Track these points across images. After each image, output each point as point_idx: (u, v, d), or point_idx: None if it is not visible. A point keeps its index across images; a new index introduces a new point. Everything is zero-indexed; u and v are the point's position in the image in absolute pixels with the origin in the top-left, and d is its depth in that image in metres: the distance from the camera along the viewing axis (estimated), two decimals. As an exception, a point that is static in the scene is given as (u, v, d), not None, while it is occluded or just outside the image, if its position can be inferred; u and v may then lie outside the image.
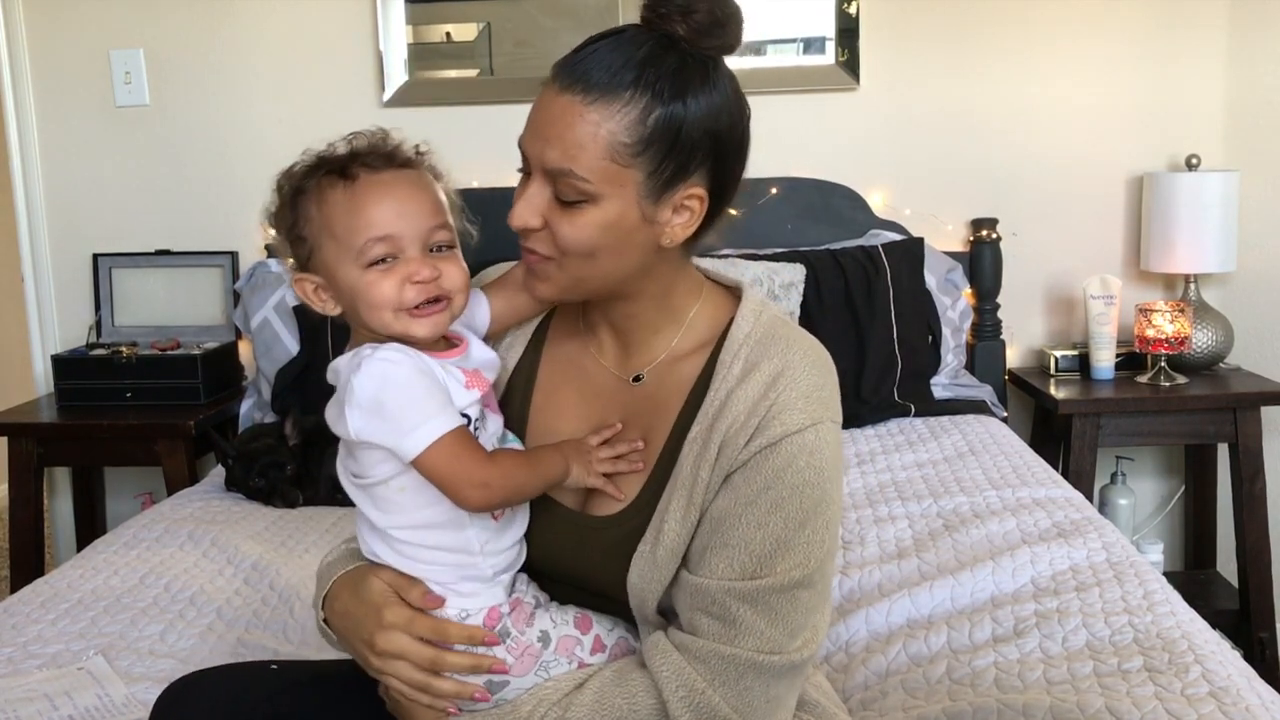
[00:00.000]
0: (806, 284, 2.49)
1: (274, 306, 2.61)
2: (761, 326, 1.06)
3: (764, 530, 0.99)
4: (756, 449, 0.99)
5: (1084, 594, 1.56)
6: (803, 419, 0.99)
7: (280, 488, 2.22)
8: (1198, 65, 2.72)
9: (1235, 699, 1.23)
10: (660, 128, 0.96)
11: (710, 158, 1.00)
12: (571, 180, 0.97)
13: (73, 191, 2.87)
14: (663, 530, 1.03)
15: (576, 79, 0.96)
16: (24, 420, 2.60)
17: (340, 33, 2.78)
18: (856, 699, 1.40)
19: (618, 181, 0.97)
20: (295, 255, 1.05)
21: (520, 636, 1.04)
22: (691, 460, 1.03)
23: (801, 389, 1.00)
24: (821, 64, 2.74)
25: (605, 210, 0.98)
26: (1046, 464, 2.18)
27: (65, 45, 2.81)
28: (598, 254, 1.00)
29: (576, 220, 0.98)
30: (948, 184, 2.78)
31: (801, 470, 0.99)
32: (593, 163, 0.96)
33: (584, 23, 2.74)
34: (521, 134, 1.01)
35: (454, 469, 0.98)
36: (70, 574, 1.84)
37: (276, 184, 1.05)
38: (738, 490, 1.00)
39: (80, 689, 1.45)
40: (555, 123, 0.97)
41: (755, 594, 0.99)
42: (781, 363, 1.02)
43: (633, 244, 1.01)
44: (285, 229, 1.04)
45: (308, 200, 1.02)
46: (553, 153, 0.97)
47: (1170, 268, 2.64)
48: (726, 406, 1.02)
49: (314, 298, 1.04)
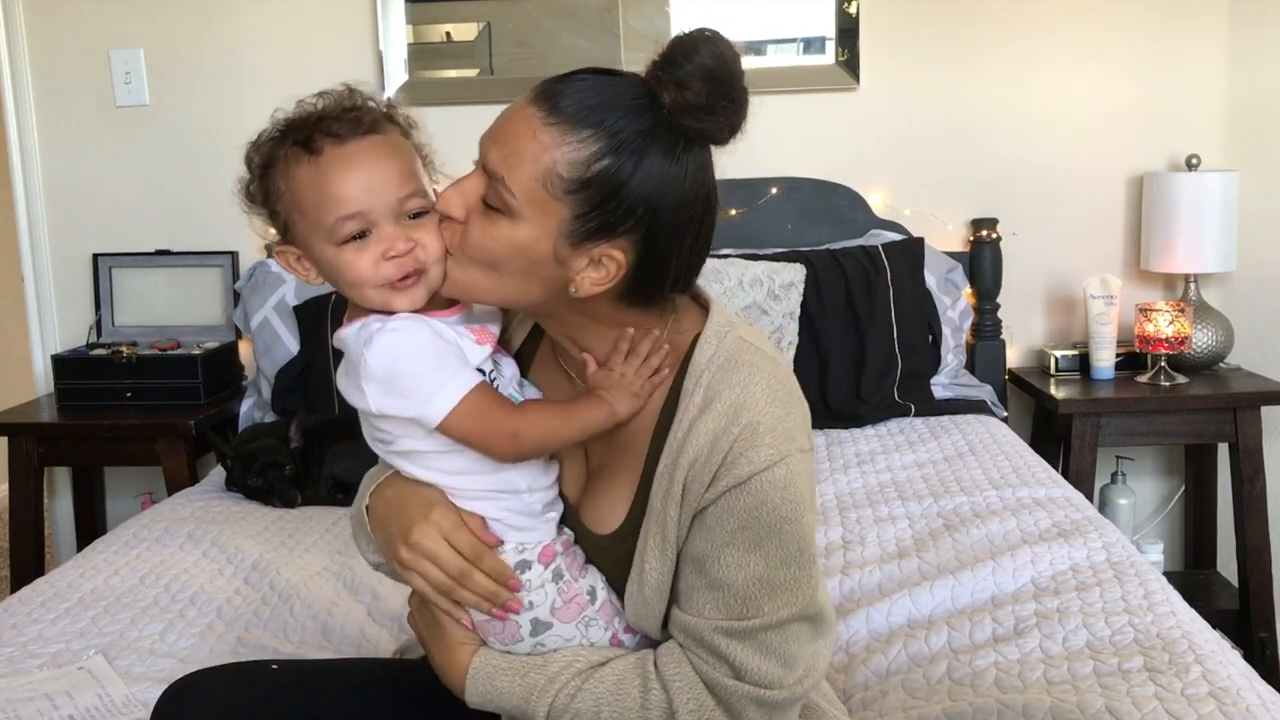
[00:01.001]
0: (806, 284, 2.49)
1: (274, 306, 2.61)
2: (725, 350, 1.02)
3: (745, 571, 0.98)
4: (724, 488, 0.97)
5: (1084, 594, 1.56)
6: (770, 455, 0.96)
7: (279, 487, 2.22)
8: (1198, 65, 2.72)
9: (1235, 699, 1.23)
10: (601, 177, 0.93)
11: (643, 228, 0.96)
12: (499, 187, 0.95)
13: (73, 191, 2.87)
14: (645, 570, 1.02)
15: (547, 99, 0.95)
16: (24, 420, 2.60)
17: (340, 33, 2.78)
18: (857, 699, 1.40)
19: (542, 209, 0.95)
20: (274, 226, 1.03)
21: (573, 582, 1.05)
22: (660, 497, 1.01)
23: (766, 423, 0.97)
24: (821, 64, 2.74)
25: (518, 231, 0.96)
26: (1046, 464, 2.18)
27: (65, 45, 2.81)
28: (499, 270, 0.98)
29: (490, 228, 0.96)
30: (948, 184, 2.78)
31: (777, 507, 0.96)
32: (525, 180, 0.94)
33: (584, 23, 2.74)
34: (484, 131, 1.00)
35: (480, 426, 0.97)
36: (70, 574, 1.84)
37: (246, 156, 1.03)
38: (711, 531, 0.98)
39: (80, 688, 1.45)
40: (509, 129, 0.96)
41: (746, 633, 0.99)
42: (743, 394, 0.98)
43: (537, 276, 0.98)
44: (259, 202, 1.02)
45: (276, 175, 0.99)
46: (495, 154, 0.96)
47: (1170, 268, 2.64)
48: (689, 440, 0.99)
49: (297, 267, 1.03)
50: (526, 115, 0.95)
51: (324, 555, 1.92)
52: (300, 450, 2.29)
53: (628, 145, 0.93)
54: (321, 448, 2.27)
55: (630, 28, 2.74)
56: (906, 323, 2.54)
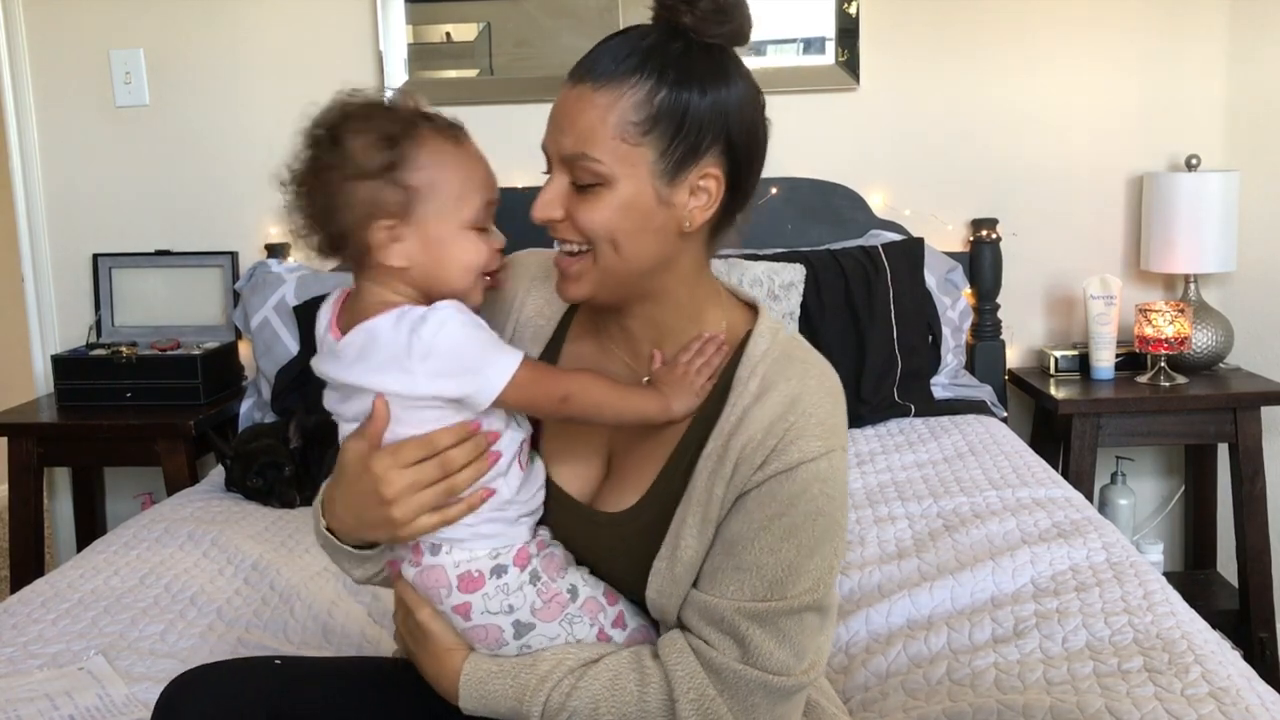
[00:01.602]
0: (806, 284, 2.49)
1: (274, 306, 2.61)
2: (779, 346, 1.07)
3: (776, 556, 1.00)
4: (772, 472, 1.00)
5: (1084, 594, 1.56)
6: (818, 446, 1.00)
7: (278, 488, 2.22)
8: (1198, 65, 2.72)
9: (1235, 699, 1.23)
10: (666, 108, 0.98)
11: (722, 140, 1.01)
12: (585, 163, 0.99)
13: (73, 191, 2.87)
14: (679, 546, 1.04)
15: (586, 71, 1.00)
16: (24, 420, 2.60)
17: (340, 33, 2.78)
18: (857, 700, 1.40)
19: (629, 161, 0.99)
20: (378, 201, 1.00)
21: (552, 582, 1.06)
22: (706, 476, 1.03)
23: (818, 415, 1.01)
24: (821, 64, 2.75)
25: (620, 192, 1.00)
26: (1046, 464, 2.18)
27: (65, 45, 2.81)
28: (620, 240, 1.01)
29: (594, 204, 1.00)
30: (948, 184, 2.78)
31: (815, 498, 1.00)
32: (604, 143, 0.98)
33: (584, 23, 2.74)
34: (543, 136, 1.04)
35: (536, 391, 1.01)
36: (70, 574, 1.84)
37: (337, 128, 1.03)
38: (751, 514, 1.01)
39: (81, 689, 1.45)
40: (565, 114, 1.00)
41: (765, 615, 1.00)
42: (800, 386, 1.02)
43: (652, 228, 1.01)
44: (378, 172, 1.00)
45: (420, 148, 1.01)
46: (567, 140, 1.00)
47: (1170, 268, 2.64)
48: (743, 424, 1.02)
49: (384, 247, 1.01)
50: (575, 95, 1.00)
51: (324, 555, 1.91)
52: (300, 450, 2.29)
53: (673, 70, 0.99)
54: (321, 448, 2.27)
55: (630, 28, 2.74)
56: (906, 323, 2.54)
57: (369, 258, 1.02)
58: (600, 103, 0.98)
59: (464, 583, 1.04)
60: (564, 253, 1.04)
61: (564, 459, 1.12)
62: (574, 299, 1.06)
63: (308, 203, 1.03)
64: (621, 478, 1.10)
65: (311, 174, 1.03)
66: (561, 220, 1.02)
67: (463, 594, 1.04)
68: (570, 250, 1.03)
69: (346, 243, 1.02)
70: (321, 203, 1.02)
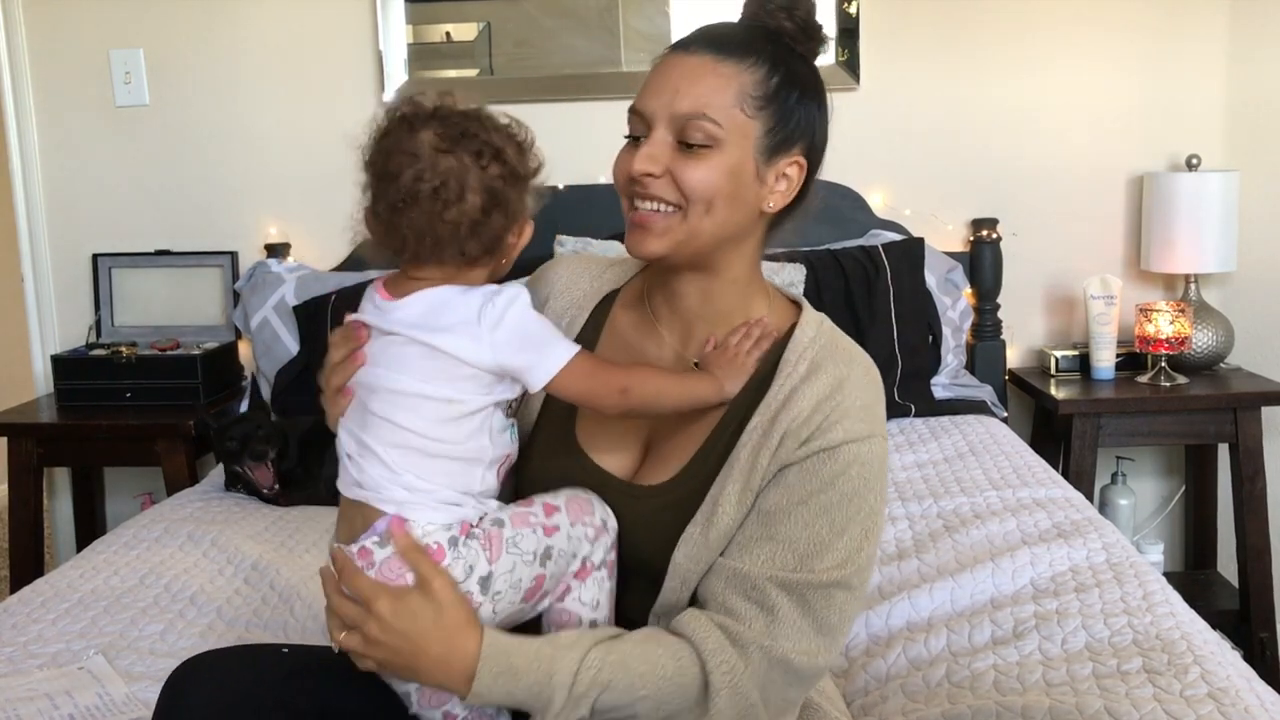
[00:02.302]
0: (806, 284, 2.49)
1: (274, 306, 2.61)
2: (825, 334, 1.12)
3: (810, 531, 1.04)
4: (816, 449, 1.04)
5: (1083, 595, 1.56)
6: (864, 428, 1.05)
7: (251, 446, 2.22)
8: (1198, 65, 2.72)
9: (1234, 700, 1.23)
10: (779, 91, 1.07)
11: (807, 140, 1.10)
12: (703, 123, 1.04)
13: (73, 191, 2.87)
14: (716, 514, 1.06)
15: (706, 44, 1.06)
16: (24, 420, 2.60)
17: (340, 33, 2.78)
18: (857, 704, 1.40)
19: (741, 131, 1.05)
20: (526, 204, 1.06)
21: (488, 529, 1.06)
22: (751, 448, 1.07)
23: (864, 400, 1.07)
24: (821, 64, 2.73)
25: (728, 156, 1.05)
26: (1046, 464, 2.18)
27: (65, 45, 2.81)
28: (715, 203, 1.06)
29: (700, 164, 1.05)
30: (948, 184, 2.78)
31: (853, 479, 1.04)
32: (724, 108, 1.05)
33: (584, 23, 2.74)
34: (635, 101, 1.08)
35: (591, 383, 1.05)
36: (70, 574, 1.84)
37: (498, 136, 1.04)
38: (791, 488, 1.05)
39: (81, 688, 1.45)
40: (686, 76, 1.05)
41: (794, 585, 1.02)
42: (847, 370, 1.08)
43: (743, 200, 1.08)
44: (534, 175, 1.06)
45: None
46: (684, 101, 1.04)
47: (1170, 268, 2.64)
48: (791, 400, 1.06)
49: (516, 248, 1.08)
50: (695, 61, 1.06)
51: (324, 555, 1.91)
52: (282, 433, 2.29)
53: (784, 65, 1.08)
54: (321, 448, 2.27)
55: (630, 28, 2.74)
56: (906, 323, 2.54)
57: (493, 258, 1.06)
58: (724, 72, 1.05)
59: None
60: (649, 210, 1.07)
61: (603, 444, 1.15)
62: (650, 255, 1.09)
63: (457, 212, 1.02)
64: (661, 457, 1.13)
65: (474, 179, 1.02)
66: (659, 176, 1.05)
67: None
68: (656, 208, 1.07)
69: (495, 246, 1.05)
70: (480, 208, 1.02)
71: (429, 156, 1.01)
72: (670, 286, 1.15)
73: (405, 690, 1.08)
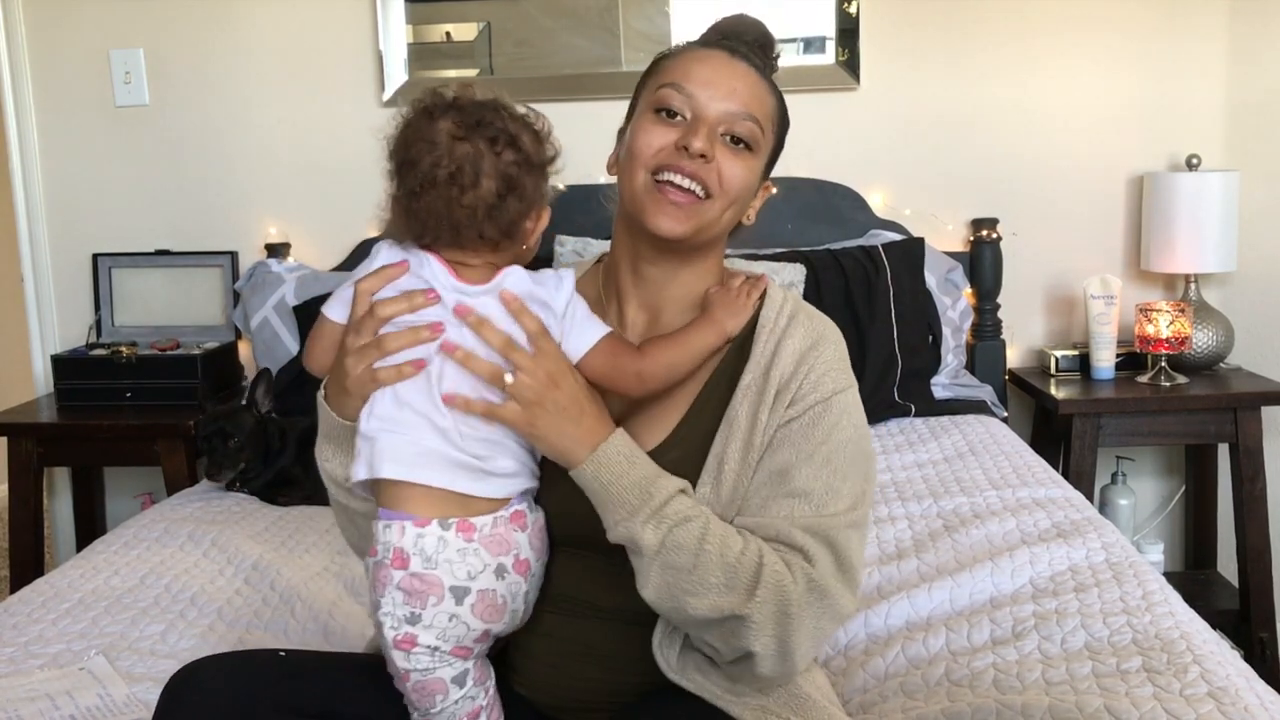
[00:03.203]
0: (806, 284, 2.49)
1: (274, 306, 2.61)
2: (791, 300, 1.19)
3: (819, 481, 1.08)
4: (812, 403, 1.10)
5: (1083, 595, 1.56)
6: (845, 380, 1.13)
7: (216, 457, 2.23)
8: (1198, 65, 2.72)
9: (1234, 699, 1.23)
10: (785, 116, 1.19)
11: (775, 158, 1.19)
12: (753, 125, 1.12)
13: (73, 191, 2.87)
14: (722, 471, 1.10)
15: (745, 56, 1.14)
16: (24, 420, 2.60)
17: (340, 33, 2.78)
18: (855, 702, 1.40)
19: (766, 145, 1.15)
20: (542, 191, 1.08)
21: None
22: (750, 404, 1.12)
23: (840, 352, 1.14)
24: (821, 64, 2.74)
25: (757, 162, 1.14)
26: (1046, 464, 2.18)
27: (65, 45, 2.82)
28: (737, 201, 1.13)
29: (741, 161, 1.12)
30: (948, 184, 2.78)
31: (846, 428, 1.11)
32: (766, 119, 1.14)
33: (584, 23, 2.74)
34: (681, 84, 1.11)
35: (613, 364, 1.09)
36: (70, 574, 1.84)
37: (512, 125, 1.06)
38: (797, 445, 1.10)
39: (81, 689, 1.45)
40: (741, 79, 1.12)
41: (818, 530, 1.06)
42: (821, 326, 1.16)
43: (744, 205, 1.16)
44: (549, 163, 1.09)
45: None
46: (736, 101, 1.11)
47: (1170, 268, 2.64)
48: (777, 356, 1.12)
49: (535, 233, 1.11)
50: (743, 70, 1.13)
51: (324, 556, 1.92)
52: (270, 412, 2.29)
53: (779, 92, 1.17)
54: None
55: (630, 28, 2.74)
56: (906, 323, 2.54)
57: (513, 242, 1.09)
58: (763, 86, 1.14)
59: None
60: (684, 188, 1.10)
61: None
62: (674, 233, 1.11)
63: (473, 196, 1.04)
64: (646, 422, 1.15)
65: (489, 168, 1.05)
66: (709, 162, 1.10)
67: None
68: (692, 188, 1.10)
69: (512, 230, 1.07)
70: (495, 193, 1.05)
71: (445, 144, 1.04)
72: (642, 274, 1.18)
73: (463, 670, 1.10)
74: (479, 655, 1.11)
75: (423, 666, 1.07)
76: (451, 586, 1.05)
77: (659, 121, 1.12)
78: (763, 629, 1.03)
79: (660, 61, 1.17)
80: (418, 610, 1.06)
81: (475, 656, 1.10)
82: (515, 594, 1.09)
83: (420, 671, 1.07)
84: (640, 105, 1.16)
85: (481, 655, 1.12)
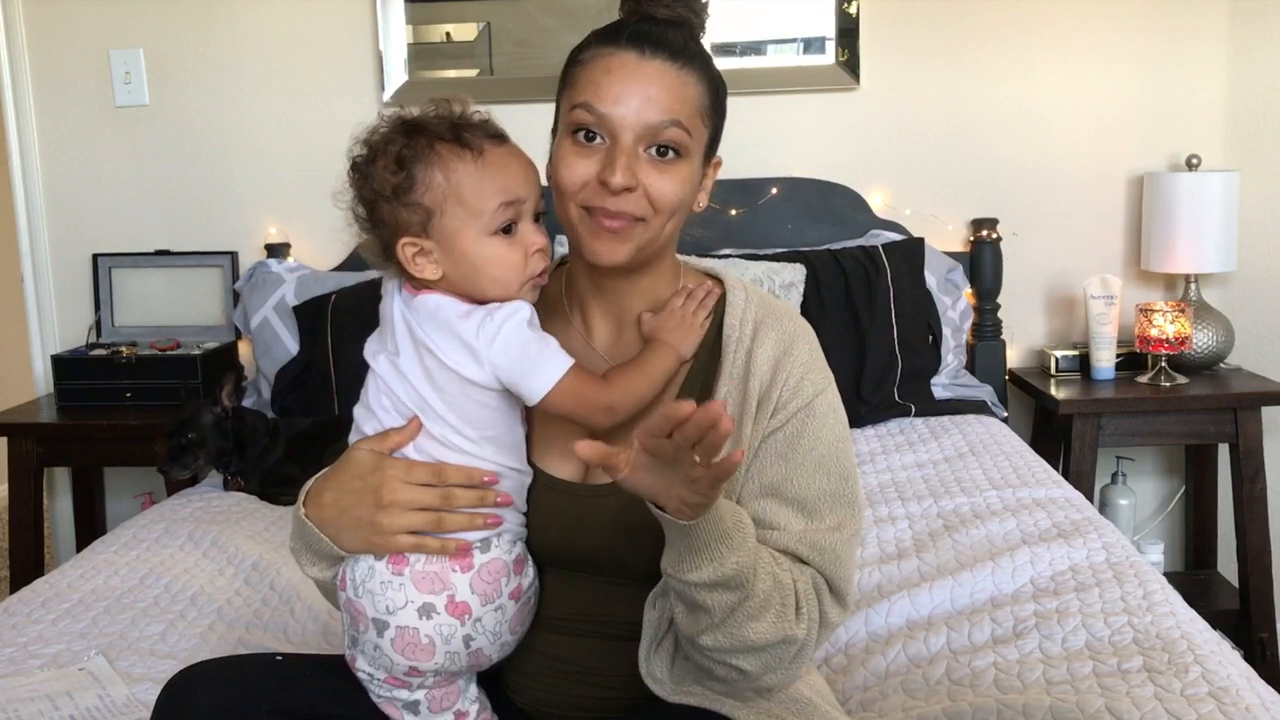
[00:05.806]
0: (806, 284, 2.49)
1: (274, 306, 2.61)
2: (755, 298, 1.14)
3: (811, 488, 1.07)
4: (794, 410, 1.08)
5: (1083, 594, 1.56)
6: (823, 380, 1.10)
7: (171, 452, 2.23)
8: (1198, 65, 2.72)
9: (1235, 699, 1.23)
10: (717, 96, 1.08)
11: (719, 130, 1.10)
12: (676, 132, 1.04)
13: (73, 191, 2.87)
14: None
15: (660, 47, 1.04)
16: (24, 420, 2.60)
17: (340, 33, 2.78)
18: (855, 700, 1.40)
19: (699, 139, 1.07)
20: (399, 220, 1.03)
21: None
22: (733, 418, 1.07)
23: (813, 353, 1.11)
24: (821, 64, 2.74)
25: (690, 166, 1.06)
26: (1047, 464, 2.18)
27: (65, 45, 2.81)
28: (678, 212, 1.07)
29: (669, 176, 1.05)
30: (948, 184, 2.78)
31: (832, 428, 1.09)
32: (690, 117, 1.04)
33: (584, 22, 2.71)
34: (593, 102, 1.04)
35: (579, 402, 1.04)
36: (70, 574, 1.84)
37: (369, 152, 1.05)
38: (785, 456, 1.07)
39: (81, 689, 1.45)
40: (654, 84, 1.03)
41: (815, 540, 1.05)
42: (792, 327, 1.12)
43: (689, 203, 1.09)
44: (391, 194, 1.03)
45: (430, 167, 1.03)
46: (654, 110, 1.03)
47: (1170, 268, 2.64)
48: (752, 364, 1.09)
49: (412, 262, 1.04)
50: (655, 68, 1.03)
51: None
52: (234, 411, 2.28)
53: (709, 64, 1.08)
54: (320, 448, 2.27)
55: (630, 28, 2.74)
56: (906, 323, 2.54)
57: (406, 268, 1.05)
58: (685, 79, 1.04)
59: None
60: (615, 214, 1.04)
61: (548, 451, 1.13)
62: (616, 262, 1.07)
63: (357, 217, 1.08)
64: (619, 443, 1.07)
65: (354, 192, 1.07)
66: (635, 190, 1.03)
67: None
68: (621, 214, 1.04)
69: (390, 256, 1.06)
70: (364, 218, 1.07)
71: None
72: (601, 285, 1.14)
73: (413, 700, 1.10)
74: (437, 686, 1.09)
75: (371, 688, 1.10)
76: (373, 618, 1.05)
77: (577, 147, 1.05)
78: (807, 647, 1.03)
79: (571, 69, 1.10)
80: (355, 634, 1.08)
81: (425, 688, 1.09)
82: (449, 636, 1.05)
83: (373, 694, 1.10)
84: (560, 122, 1.10)
85: (444, 685, 1.10)
